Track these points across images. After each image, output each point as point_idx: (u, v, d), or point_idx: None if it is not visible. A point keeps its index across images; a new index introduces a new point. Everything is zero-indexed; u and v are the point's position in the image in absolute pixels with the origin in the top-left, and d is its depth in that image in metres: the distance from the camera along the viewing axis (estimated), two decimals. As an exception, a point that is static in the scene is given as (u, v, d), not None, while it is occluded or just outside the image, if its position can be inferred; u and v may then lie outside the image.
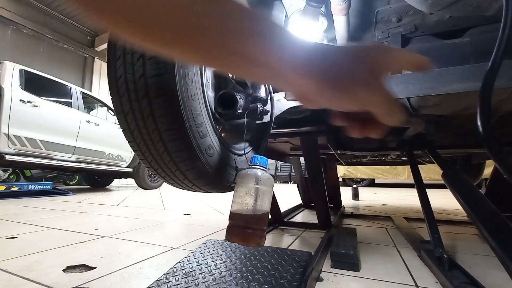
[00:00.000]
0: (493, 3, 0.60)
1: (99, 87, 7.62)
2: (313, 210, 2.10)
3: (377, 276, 0.77)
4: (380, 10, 0.90)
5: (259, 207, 0.53)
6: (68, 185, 5.59)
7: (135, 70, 0.58)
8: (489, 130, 0.41)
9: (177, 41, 0.24)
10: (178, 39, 0.24)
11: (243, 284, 0.62)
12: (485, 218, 0.67)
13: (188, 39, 0.24)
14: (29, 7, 6.19)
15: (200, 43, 0.24)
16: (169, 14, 0.22)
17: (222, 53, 0.25)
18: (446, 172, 0.96)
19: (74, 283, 0.70)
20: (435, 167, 1.72)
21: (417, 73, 0.74)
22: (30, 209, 2.08)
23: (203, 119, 0.65)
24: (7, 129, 2.80)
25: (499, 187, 1.65)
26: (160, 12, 0.22)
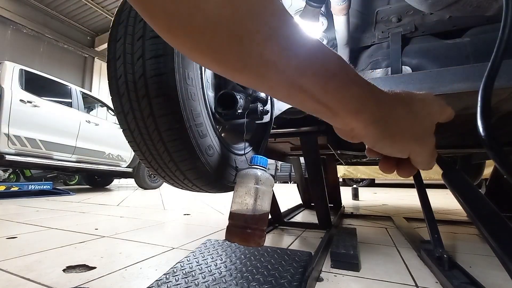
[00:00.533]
0: (493, 3, 0.60)
1: (99, 87, 7.62)
2: (313, 210, 2.10)
3: (377, 276, 0.77)
4: (380, 10, 0.90)
5: (259, 207, 0.53)
6: (68, 185, 5.59)
7: (135, 70, 0.58)
8: (489, 130, 0.41)
9: (253, 75, 0.24)
10: (254, 75, 0.24)
11: (243, 284, 0.62)
12: (485, 218, 0.66)
13: (261, 74, 0.24)
14: (29, 7, 6.19)
15: (272, 78, 0.24)
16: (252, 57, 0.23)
17: (296, 93, 0.26)
18: (446, 172, 0.96)
19: (74, 283, 0.70)
20: (435, 167, 1.72)
21: (417, 73, 0.74)
22: (30, 209, 2.08)
23: (203, 119, 0.65)
24: (7, 129, 2.80)
25: (499, 187, 1.65)
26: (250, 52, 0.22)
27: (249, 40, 0.22)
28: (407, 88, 0.74)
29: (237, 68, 0.24)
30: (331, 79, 0.25)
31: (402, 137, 0.29)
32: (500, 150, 0.40)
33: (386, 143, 0.29)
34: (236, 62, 0.23)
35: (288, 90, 0.25)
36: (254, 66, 0.23)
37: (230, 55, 0.23)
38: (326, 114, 0.27)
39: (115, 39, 0.62)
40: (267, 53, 0.22)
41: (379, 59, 0.89)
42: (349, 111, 0.27)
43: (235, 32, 0.21)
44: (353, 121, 0.27)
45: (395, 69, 0.83)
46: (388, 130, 0.28)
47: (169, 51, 0.56)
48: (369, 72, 0.90)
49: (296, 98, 0.26)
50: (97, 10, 6.65)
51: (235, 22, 0.21)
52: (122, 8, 0.64)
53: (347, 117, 0.27)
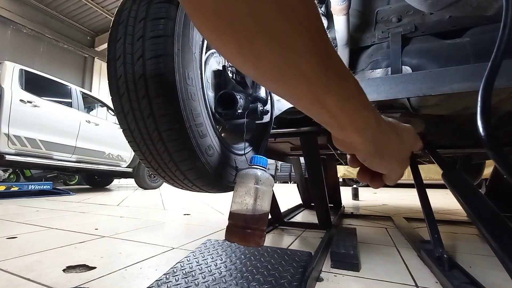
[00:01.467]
0: (493, 3, 0.60)
1: (99, 87, 7.62)
2: (313, 210, 2.10)
3: (377, 276, 0.77)
4: (380, 10, 0.90)
5: (259, 207, 0.53)
6: (68, 185, 5.59)
7: (135, 70, 0.58)
8: (489, 130, 0.41)
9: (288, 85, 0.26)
10: (286, 85, 0.26)
11: (243, 284, 0.62)
12: (485, 218, 0.66)
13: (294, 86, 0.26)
14: (29, 7, 6.19)
15: (299, 90, 0.26)
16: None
17: (317, 107, 0.28)
18: (446, 172, 0.96)
19: (74, 283, 0.70)
20: (435, 167, 1.72)
21: (417, 73, 0.74)
22: (30, 209, 2.08)
23: (203, 119, 0.65)
24: (7, 129, 2.80)
25: (499, 187, 1.65)
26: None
27: (292, 51, 0.23)
28: (407, 88, 0.74)
29: (272, 77, 0.25)
30: (349, 100, 0.28)
31: (390, 157, 0.36)
32: (500, 150, 0.40)
33: (375, 160, 0.35)
34: (274, 71, 0.24)
35: (311, 103, 0.28)
36: (289, 76, 0.25)
37: (270, 63, 0.24)
38: (335, 127, 0.31)
39: (115, 39, 0.62)
40: (304, 67, 0.24)
41: (379, 59, 0.89)
42: (356, 128, 0.31)
43: (280, 43, 0.22)
44: (356, 136, 0.32)
45: (395, 69, 0.83)
46: (380, 149, 0.34)
47: (169, 51, 0.56)
48: (369, 72, 0.90)
49: (315, 110, 0.29)
50: (97, 10, 6.65)
51: (284, 34, 0.22)
52: (122, 8, 0.64)
53: (352, 132, 0.31)
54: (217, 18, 0.21)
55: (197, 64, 0.65)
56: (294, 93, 0.27)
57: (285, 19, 0.21)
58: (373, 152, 0.34)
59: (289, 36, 0.22)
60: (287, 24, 0.21)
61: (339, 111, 0.28)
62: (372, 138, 0.32)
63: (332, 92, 0.26)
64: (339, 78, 0.27)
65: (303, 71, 0.24)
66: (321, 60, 0.24)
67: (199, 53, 0.66)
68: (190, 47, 0.61)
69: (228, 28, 0.21)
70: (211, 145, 0.67)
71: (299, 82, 0.25)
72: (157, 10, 0.58)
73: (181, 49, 0.58)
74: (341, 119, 0.29)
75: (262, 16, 0.20)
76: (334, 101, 0.27)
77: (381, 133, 0.33)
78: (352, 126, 0.30)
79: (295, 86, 0.26)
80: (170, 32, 0.57)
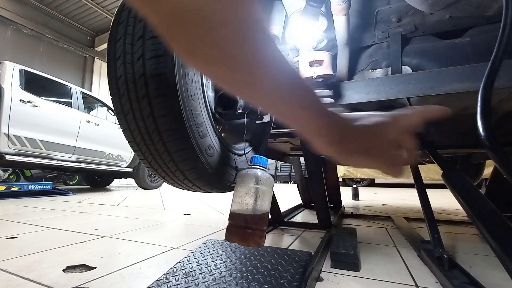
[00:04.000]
0: (493, 3, 0.60)
1: (99, 87, 7.62)
2: (313, 210, 2.10)
3: (377, 276, 0.77)
4: (380, 10, 0.90)
5: (259, 207, 0.53)
6: (68, 185, 5.59)
7: (135, 70, 0.58)
8: (489, 130, 0.41)
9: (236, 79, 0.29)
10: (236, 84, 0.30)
11: (243, 284, 0.62)
12: (485, 218, 0.66)
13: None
14: (29, 7, 6.19)
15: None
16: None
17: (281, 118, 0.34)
18: (446, 172, 0.96)
19: (74, 283, 0.70)
20: (435, 167, 1.72)
21: (417, 73, 0.74)
22: (30, 209, 2.08)
23: (203, 119, 0.65)
24: (7, 129, 2.80)
25: (499, 187, 1.65)
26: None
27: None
28: (407, 88, 0.74)
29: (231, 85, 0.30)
30: (307, 109, 0.33)
31: (358, 153, 0.37)
32: (500, 150, 0.40)
33: (344, 157, 0.37)
34: (234, 84, 0.30)
35: (276, 114, 0.34)
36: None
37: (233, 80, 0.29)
38: (302, 133, 0.36)
39: (115, 39, 0.62)
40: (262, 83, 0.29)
41: (379, 59, 0.89)
42: (320, 134, 0.35)
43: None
44: (319, 140, 0.36)
45: (395, 69, 0.83)
46: (346, 148, 0.36)
47: (169, 51, 0.56)
48: (369, 72, 0.90)
49: (283, 120, 0.34)
50: (97, 10, 6.65)
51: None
52: (122, 8, 0.64)
53: (319, 139, 0.35)
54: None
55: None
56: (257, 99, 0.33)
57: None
58: (340, 152, 0.36)
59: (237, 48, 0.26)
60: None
61: (301, 121, 0.34)
62: (337, 140, 0.35)
63: (292, 103, 0.32)
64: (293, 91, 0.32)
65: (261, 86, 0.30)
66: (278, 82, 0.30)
67: (199, 53, 0.66)
68: (190, 47, 0.61)
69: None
70: (211, 145, 0.67)
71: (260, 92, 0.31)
72: (157, 10, 0.58)
73: (181, 49, 0.58)
74: (304, 126, 0.34)
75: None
76: (292, 112, 0.33)
77: (344, 134, 0.35)
78: (316, 133, 0.35)
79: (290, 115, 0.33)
80: (170, 32, 0.57)
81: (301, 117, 0.33)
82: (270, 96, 0.30)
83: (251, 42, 0.26)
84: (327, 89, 0.81)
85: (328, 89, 0.81)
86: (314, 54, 0.81)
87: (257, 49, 0.27)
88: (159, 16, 0.23)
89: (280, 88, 0.30)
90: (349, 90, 0.81)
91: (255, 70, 0.28)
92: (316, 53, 0.81)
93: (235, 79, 0.28)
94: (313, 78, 0.80)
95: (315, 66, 0.80)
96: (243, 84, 0.29)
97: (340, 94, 0.82)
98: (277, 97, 0.30)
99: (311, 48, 0.89)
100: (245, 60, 0.27)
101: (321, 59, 0.80)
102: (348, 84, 0.82)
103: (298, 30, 0.90)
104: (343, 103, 0.82)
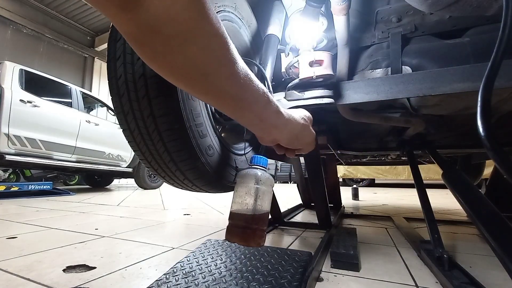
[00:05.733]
0: (493, 3, 0.60)
1: (99, 87, 7.62)
2: (313, 210, 2.10)
3: (377, 276, 0.77)
4: (380, 10, 0.90)
5: (259, 207, 0.53)
6: (68, 185, 5.59)
7: (135, 70, 0.58)
8: (489, 130, 0.41)
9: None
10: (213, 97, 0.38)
11: (243, 284, 0.62)
12: (485, 218, 0.67)
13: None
14: (29, 7, 6.19)
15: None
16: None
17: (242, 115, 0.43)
18: (446, 172, 0.96)
19: (74, 283, 0.70)
20: (435, 167, 1.71)
21: (417, 73, 0.74)
22: (30, 209, 2.08)
23: (203, 119, 0.65)
24: (7, 129, 2.80)
25: (499, 187, 1.65)
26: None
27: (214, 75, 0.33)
28: (407, 87, 0.74)
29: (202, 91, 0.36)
30: (265, 108, 0.44)
31: (297, 138, 0.56)
32: (500, 150, 0.40)
33: (294, 141, 0.56)
34: (201, 87, 0.35)
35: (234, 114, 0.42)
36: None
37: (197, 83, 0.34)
38: (260, 129, 0.48)
39: (115, 39, 0.62)
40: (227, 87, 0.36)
41: (379, 59, 0.89)
42: (273, 125, 0.48)
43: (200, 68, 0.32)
44: (276, 131, 0.50)
45: (395, 69, 0.83)
46: (294, 134, 0.54)
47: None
48: (369, 72, 0.90)
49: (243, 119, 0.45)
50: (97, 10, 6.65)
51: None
52: (122, 8, 0.63)
53: (271, 129, 0.49)
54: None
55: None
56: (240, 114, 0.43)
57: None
58: (290, 137, 0.53)
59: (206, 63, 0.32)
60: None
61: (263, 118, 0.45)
62: (286, 129, 0.51)
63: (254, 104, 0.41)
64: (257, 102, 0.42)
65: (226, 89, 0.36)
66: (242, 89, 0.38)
67: (199, 53, 0.66)
68: (190, 47, 0.61)
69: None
70: (211, 145, 0.67)
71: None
72: (157, 10, 0.58)
73: (181, 49, 0.58)
74: (263, 120, 0.45)
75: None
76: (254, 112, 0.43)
77: (290, 123, 0.51)
78: (272, 125, 0.47)
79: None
80: (170, 32, 0.57)
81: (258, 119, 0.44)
82: (228, 102, 0.37)
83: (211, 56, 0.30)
84: (327, 89, 0.81)
85: (328, 89, 0.81)
86: (314, 54, 0.81)
87: (216, 63, 0.31)
88: (132, 26, 0.26)
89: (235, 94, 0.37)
90: (349, 90, 0.81)
91: (207, 78, 0.32)
92: (316, 53, 0.81)
93: (194, 89, 0.34)
94: (313, 78, 0.80)
95: (315, 66, 0.80)
96: (199, 93, 0.34)
97: (340, 94, 0.82)
98: (231, 103, 0.37)
99: (311, 48, 0.88)
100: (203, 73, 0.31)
101: (321, 59, 0.80)
102: (348, 84, 0.82)
103: (298, 30, 0.90)
104: (343, 103, 0.82)
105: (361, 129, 1.38)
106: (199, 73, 0.31)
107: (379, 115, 1.01)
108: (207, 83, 0.32)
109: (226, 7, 0.82)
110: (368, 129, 1.36)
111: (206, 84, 0.32)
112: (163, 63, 0.29)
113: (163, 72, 0.32)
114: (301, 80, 0.83)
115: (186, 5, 0.26)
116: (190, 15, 0.26)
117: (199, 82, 0.32)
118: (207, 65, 0.30)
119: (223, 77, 0.32)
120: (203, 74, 0.31)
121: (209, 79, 0.32)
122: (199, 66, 0.30)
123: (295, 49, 0.97)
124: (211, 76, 0.31)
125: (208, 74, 0.31)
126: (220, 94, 0.34)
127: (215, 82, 0.32)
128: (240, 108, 0.39)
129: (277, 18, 0.96)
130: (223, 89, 0.34)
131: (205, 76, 0.31)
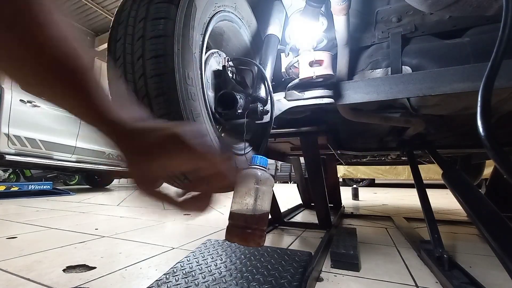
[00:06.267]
0: (493, 3, 0.60)
1: (99, 87, 7.61)
2: (313, 210, 2.10)
3: (377, 276, 0.77)
4: (380, 10, 0.90)
5: (259, 207, 0.53)
6: (68, 185, 5.59)
7: (135, 70, 0.58)
8: (489, 130, 0.41)
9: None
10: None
11: (243, 284, 0.62)
12: (485, 218, 0.67)
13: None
14: (29, 7, 6.17)
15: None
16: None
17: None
18: (446, 172, 0.96)
19: (74, 283, 0.70)
20: (435, 167, 1.71)
21: (417, 73, 0.75)
22: (30, 209, 2.08)
23: (203, 119, 0.65)
24: (7, 129, 2.80)
25: (499, 187, 1.65)
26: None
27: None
28: (407, 87, 0.74)
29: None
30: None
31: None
32: (500, 150, 0.40)
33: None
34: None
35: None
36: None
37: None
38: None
39: (115, 39, 0.62)
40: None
41: (379, 59, 0.89)
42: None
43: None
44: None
45: (395, 69, 0.83)
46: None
47: (169, 51, 0.56)
48: (369, 72, 0.90)
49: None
50: (97, 10, 6.65)
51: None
52: (122, 8, 0.64)
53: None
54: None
55: (197, 64, 0.65)
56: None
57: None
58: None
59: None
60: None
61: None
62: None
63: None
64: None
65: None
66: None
67: (199, 53, 0.66)
68: (190, 47, 0.61)
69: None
70: (211, 145, 0.66)
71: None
72: (157, 10, 0.58)
73: (181, 49, 0.58)
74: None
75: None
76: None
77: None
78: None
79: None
80: (170, 32, 0.57)
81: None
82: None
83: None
84: (327, 89, 0.81)
85: (328, 89, 0.81)
86: (314, 54, 0.81)
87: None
88: None
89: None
90: (349, 90, 0.81)
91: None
92: (316, 53, 0.81)
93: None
94: (313, 78, 0.80)
95: (315, 66, 0.80)
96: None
97: (340, 94, 0.82)
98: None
99: (311, 48, 0.88)
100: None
101: (321, 59, 0.80)
102: (348, 84, 0.82)
103: (298, 30, 0.90)
104: (343, 103, 0.82)
105: (361, 129, 1.38)
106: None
107: (379, 115, 1.01)
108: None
109: (226, 7, 0.82)
110: (368, 129, 1.36)
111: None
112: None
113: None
114: (301, 80, 0.83)
115: None
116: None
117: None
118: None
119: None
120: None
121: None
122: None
123: (295, 49, 0.97)
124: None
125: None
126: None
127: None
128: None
129: (277, 18, 0.96)
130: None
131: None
